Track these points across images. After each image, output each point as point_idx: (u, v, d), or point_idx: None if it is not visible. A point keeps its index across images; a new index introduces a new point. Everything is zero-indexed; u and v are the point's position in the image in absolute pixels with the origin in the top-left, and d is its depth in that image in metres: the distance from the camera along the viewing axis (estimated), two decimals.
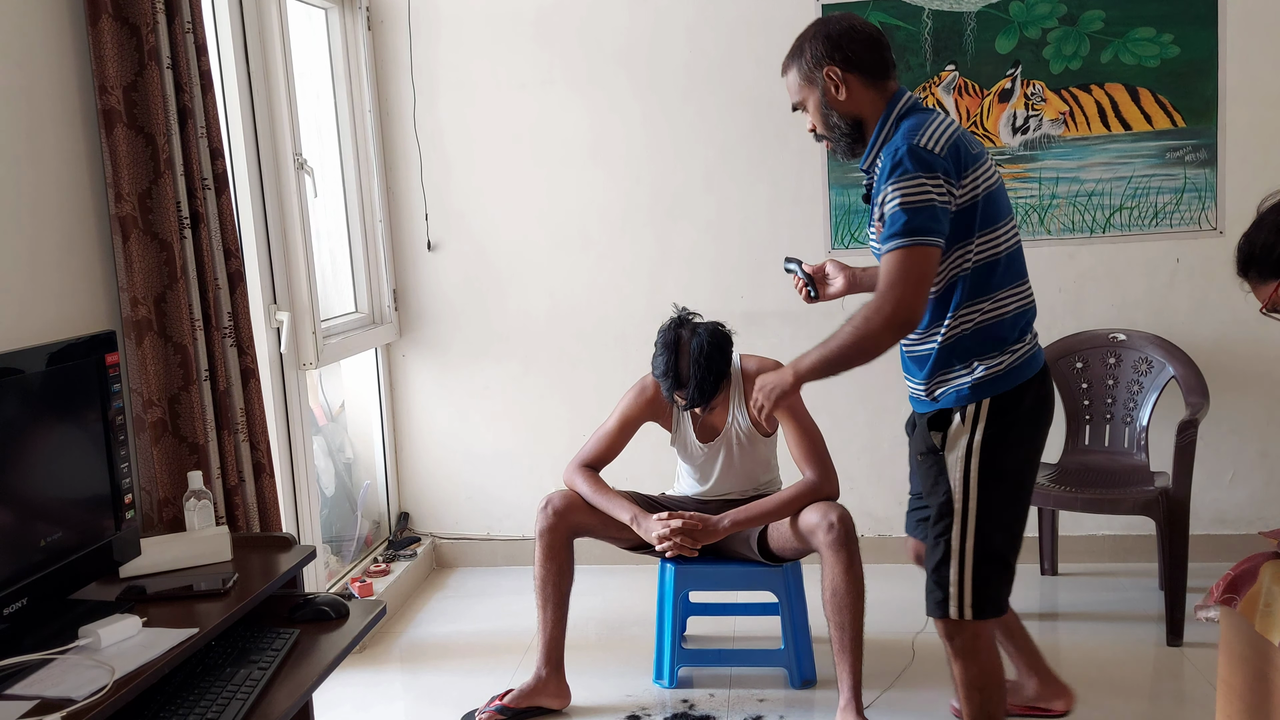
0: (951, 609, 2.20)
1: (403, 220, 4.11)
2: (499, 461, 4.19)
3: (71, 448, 1.99)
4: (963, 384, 2.19)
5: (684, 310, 2.98)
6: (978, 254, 2.14)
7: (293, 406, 3.23)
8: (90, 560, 2.01)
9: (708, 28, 3.88)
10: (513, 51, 3.97)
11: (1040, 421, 2.25)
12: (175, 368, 2.48)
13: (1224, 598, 2.16)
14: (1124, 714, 2.84)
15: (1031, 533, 3.87)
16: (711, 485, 3.09)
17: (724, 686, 3.08)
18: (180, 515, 2.41)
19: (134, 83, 2.39)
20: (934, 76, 3.76)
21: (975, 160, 2.11)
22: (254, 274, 3.07)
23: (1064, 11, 3.69)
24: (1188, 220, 3.72)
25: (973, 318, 2.17)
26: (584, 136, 3.98)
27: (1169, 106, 3.67)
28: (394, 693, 3.21)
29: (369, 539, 4.12)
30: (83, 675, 1.67)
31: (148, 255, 2.42)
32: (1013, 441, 2.18)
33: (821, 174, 3.86)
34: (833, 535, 2.76)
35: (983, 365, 2.17)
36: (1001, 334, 2.17)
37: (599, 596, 3.75)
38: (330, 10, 3.87)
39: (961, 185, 2.07)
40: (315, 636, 2.12)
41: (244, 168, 3.04)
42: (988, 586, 2.19)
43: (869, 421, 3.97)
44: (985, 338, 2.17)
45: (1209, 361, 3.61)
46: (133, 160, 2.39)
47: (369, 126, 3.97)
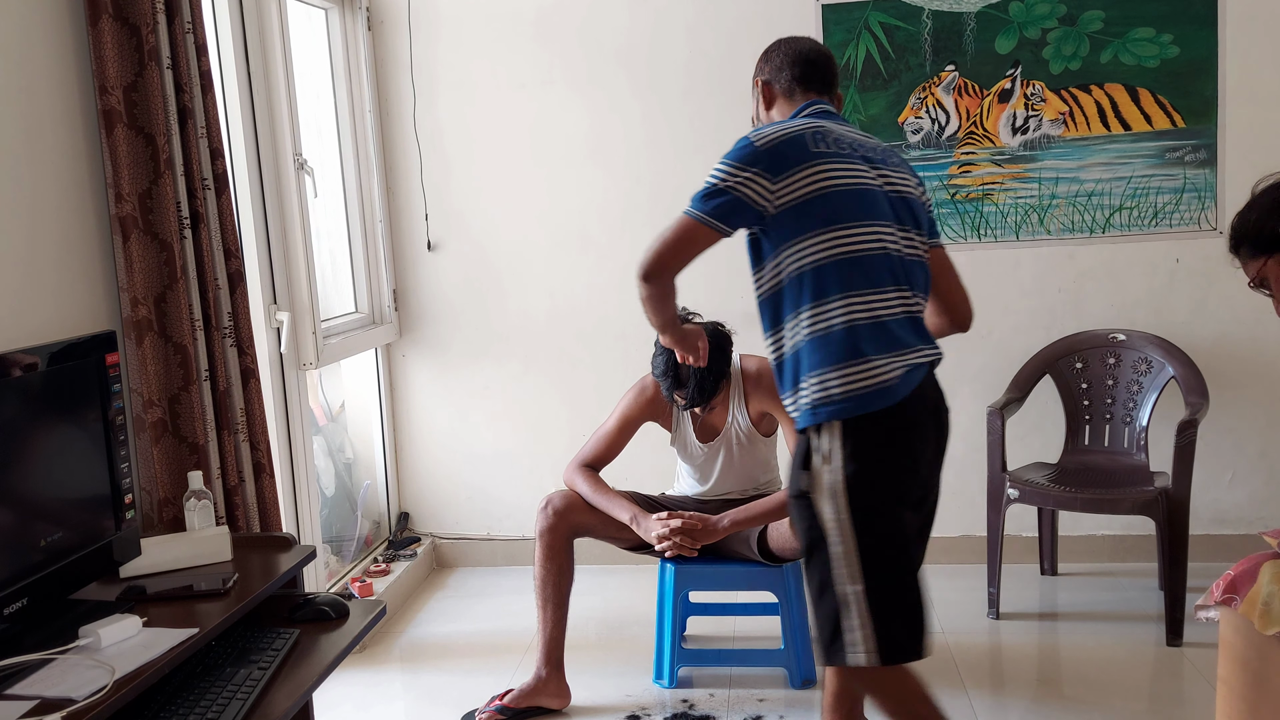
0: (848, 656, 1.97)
1: (403, 220, 4.11)
2: (499, 461, 4.19)
3: (71, 448, 1.99)
4: (805, 402, 1.99)
5: (684, 310, 2.98)
6: (816, 255, 1.98)
7: (293, 406, 3.23)
8: (90, 560, 2.01)
9: (708, 28, 3.88)
10: (513, 51, 3.97)
11: (900, 459, 2.01)
12: (175, 368, 2.48)
13: (1224, 598, 2.16)
14: (1124, 714, 2.85)
15: (1031, 532, 3.87)
16: (711, 485, 3.09)
17: (724, 686, 3.08)
18: (180, 515, 2.41)
19: (134, 83, 2.39)
20: (934, 77, 3.76)
21: (812, 159, 2.00)
22: (254, 274, 3.07)
23: (1064, 12, 3.69)
24: (1187, 220, 3.72)
25: (811, 325, 1.98)
26: (584, 136, 3.98)
27: (1169, 107, 3.67)
28: (394, 693, 3.21)
29: (369, 539, 4.12)
30: (83, 675, 1.67)
31: (148, 255, 2.42)
32: (875, 479, 1.97)
33: None
34: None
35: (829, 381, 1.96)
36: (850, 346, 1.96)
37: (599, 596, 3.75)
38: (330, 10, 3.87)
39: (779, 182, 1.99)
40: (315, 636, 2.12)
41: (244, 168, 3.04)
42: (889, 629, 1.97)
43: None
44: (828, 349, 1.97)
45: (1209, 361, 3.62)
46: (133, 160, 2.39)
47: (369, 126, 3.97)
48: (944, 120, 3.78)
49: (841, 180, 2.01)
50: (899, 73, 3.77)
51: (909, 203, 2.13)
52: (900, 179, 2.14)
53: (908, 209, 2.12)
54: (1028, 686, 3.04)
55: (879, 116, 3.80)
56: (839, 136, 2.09)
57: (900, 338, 2.01)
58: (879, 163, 2.11)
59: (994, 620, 3.46)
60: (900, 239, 2.07)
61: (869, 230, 2.01)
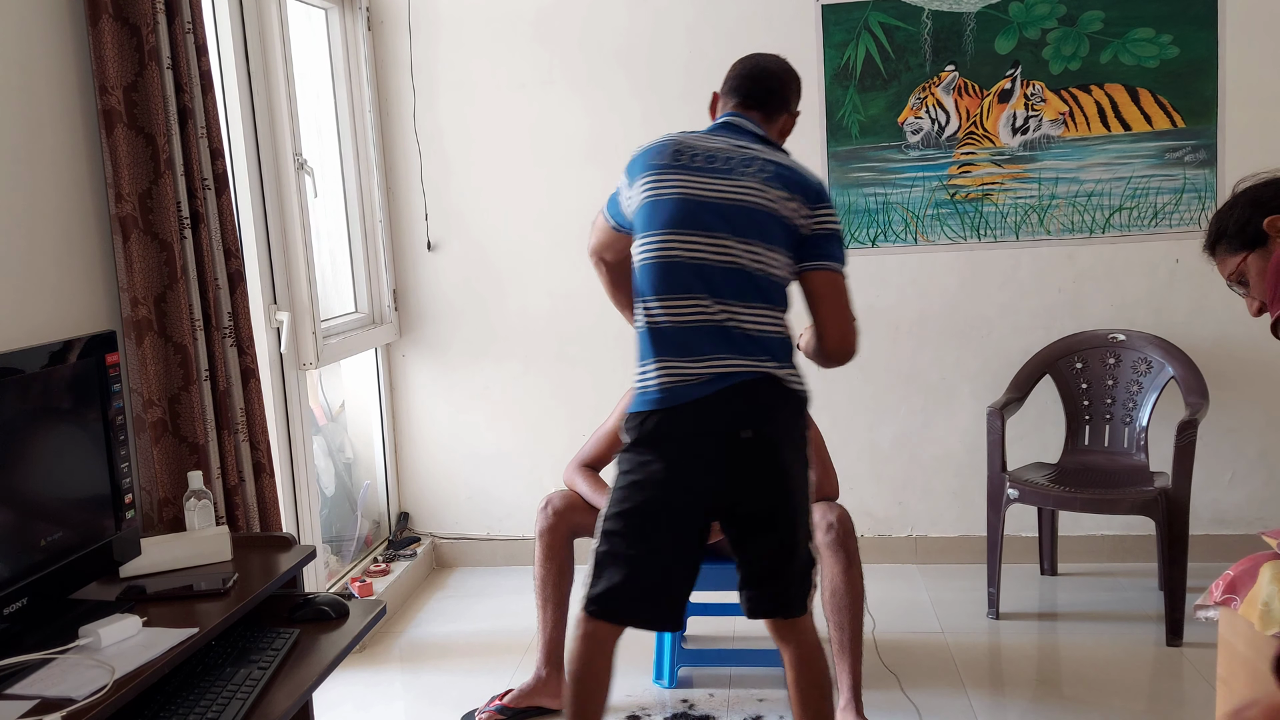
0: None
1: (403, 220, 4.11)
2: (499, 461, 4.19)
3: (71, 448, 1.99)
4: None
5: None
6: (635, 258, 2.20)
7: (293, 406, 3.24)
8: (90, 560, 2.01)
9: (708, 28, 3.88)
10: (512, 51, 3.97)
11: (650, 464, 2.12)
12: (175, 368, 2.48)
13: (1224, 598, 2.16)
14: (1124, 714, 2.85)
15: (1031, 532, 3.87)
16: None
17: (724, 686, 3.08)
18: (180, 515, 2.41)
19: (134, 83, 2.39)
20: (934, 77, 3.76)
21: (650, 169, 2.19)
22: (254, 274, 3.07)
23: (1063, 12, 3.69)
24: (1187, 221, 3.72)
25: (639, 315, 2.19)
26: (584, 136, 3.98)
27: (1168, 107, 3.67)
28: (394, 693, 3.21)
29: (369, 539, 4.12)
30: (83, 675, 1.67)
31: (148, 255, 2.42)
32: (625, 469, 2.17)
33: (822, 174, 3.86)
34: (832, 535, 2.77)
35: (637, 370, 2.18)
36: (643, 345, 2.16)
37: None
38: (330, 10, 3.87)
39: (631, 188, 2.24)
40: (315, 636, 2.12)
41: (244, 168, 3.04)
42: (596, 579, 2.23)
43: (869, 422, 3.97)
44: (640, 341, 2.18)
45: (1208, 362, 3.62)
46: (133, 160, 2.39)
47: (369, 126, 3.97)
48: (944, 120, 3.78)
49: (662, 192, 2.16)
50: (899, 73, 3.77)
51: (753, 214, 2.12)
52: (750, 191, 2.13)
53: (750, 220, 2.12)
54: (1028, 686, 3.04)
55: (879, 116, 3.80)
56: (701, 150, 2.19)
57: (691, 345, 2.10)
58: (728, 174, 2.15)
59: (994, 620, 3.46)
60: (716, 248, 2.11)
61: (671, 239, 2.13)
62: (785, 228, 2.14)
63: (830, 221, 2.18)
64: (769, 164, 2.18)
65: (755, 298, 2.12)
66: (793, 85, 2.36)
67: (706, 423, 2.11)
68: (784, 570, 2.22)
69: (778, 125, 2.34)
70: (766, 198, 2.14)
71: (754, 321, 2.11)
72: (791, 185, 2.15)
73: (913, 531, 4.02)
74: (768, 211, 2.13)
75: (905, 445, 3.99)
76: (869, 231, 3.86)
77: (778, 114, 2.33)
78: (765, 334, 2.12)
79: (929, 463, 3.97)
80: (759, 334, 2.11)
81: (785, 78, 2.35)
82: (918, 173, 3.81)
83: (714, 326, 2.10)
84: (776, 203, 2.14)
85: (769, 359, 2.11)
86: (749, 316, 2.11)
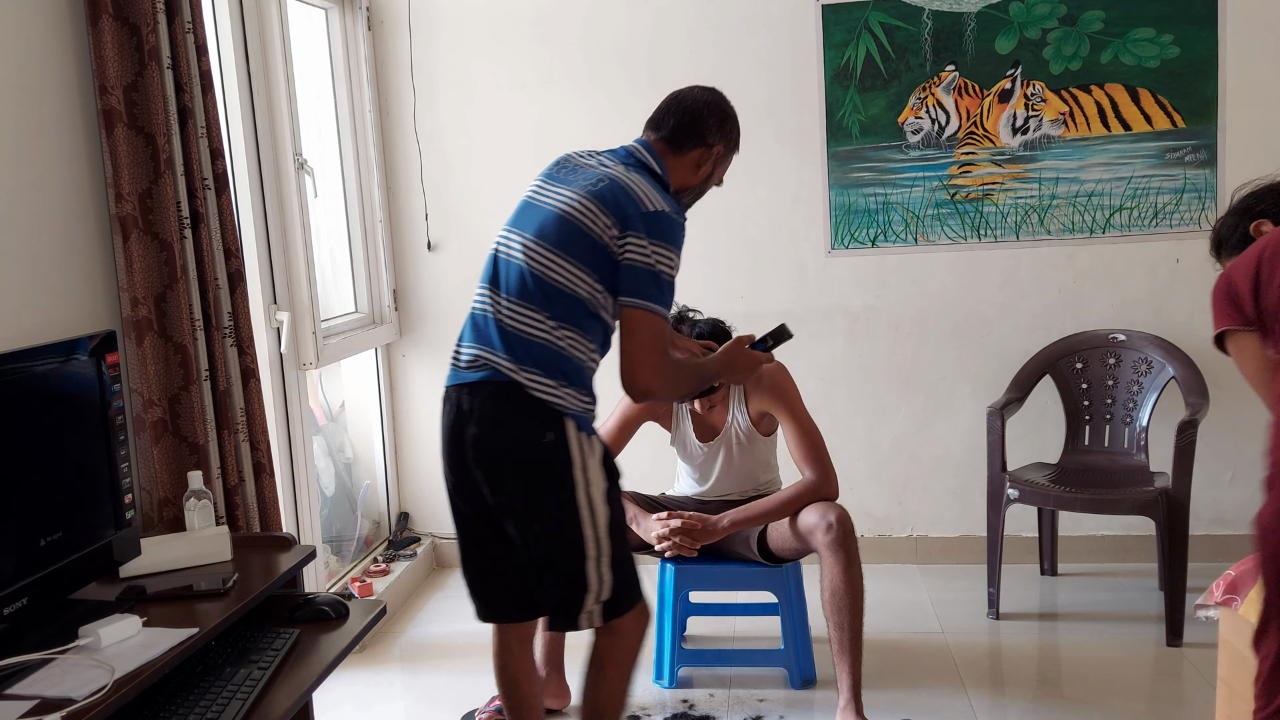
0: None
1: (403, 220, 4.11)
2: None
3: (71, 448, 1.99)
4: None
5: (684, 307, 2.99)
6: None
7: (293, 406, 3.23)
8: (90, 560, 2.01)
9: (708, 28, 3.88)
10: (513, 52, 3.97)
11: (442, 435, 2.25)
12: (175, 368, 2.48)
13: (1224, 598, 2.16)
14: (1124, 714, 2.84)
15: (1031, 532, 3.87)
16: (711, 485, 3.09)
17: (724, 686, 3.08)
18: (180, 515, 2.41)
19: (134, 83, 2.39)
20: (934, 77, 3.76)
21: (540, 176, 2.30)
22: (254, 274, 3.07)
23: (1064, 12, 3.69)
24: (1187, 221, 3.72)
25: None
26: (584, 136, 3.94)
27: (1169, 107, 3.67)
28: (394, 693, 3.21)
29: (369, 539, 4.12)
30: (83, 675, 1.67)
31: (148, 255, 2.42)
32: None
33: (821, 174, 3.86)
34: (831, 535, 2.76)
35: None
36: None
37: None
38: (330, 10, 3.87)
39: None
40: (315, 636, 2.12)
41: (244, 168, 3.04)
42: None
43: (869, 422, 3.97)
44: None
45: (1209, 362, 3.61)
46: (133, 160, 2.39)
47: (369, 126, 3.97)
48: (944, 120, 3.78)
49: (526, 195, 2.29)
50: (899, 73, 3.77)
51: (560, 222, 2.15)
52: (567, 201, 2.16)
53: (555, 228, 2.15)
54: (1028, 686, 3.04)
55: (879, 117, 3.80)
56: (573, 163, 2.28)
57: (473, 333, 2.23)
58: (565, 183, 2.21)
59: (994, 620, 3.46)
60: (518, 246, 2.19)
61: (503, 234, 2.26)
62: (592, 244, 2.12)
63: (638, 253, 2.10)
64: (604, 179, 2.17)
65: (538, 303, 2.14)
66: (711, 120, 2.30)
67: (453, 411, 2.21)
68: (513, 581, 2.25)
69: (689, 158, 2.30)
70: (578, 209, 2.14)
71: (528, 325, 2.14)
72: (609, 204, 2.12)
73: (913, 532, 4.02)
74: (575, 223, 2.13)
75: (905, 445, 3.99)
76: (869, 231, 3.86)
77: (687, 146, 2.29)
78: (534, 340, 2.12)
79: (929, 463, 3.97)
80: (529, 338, 2.13)
81: (703, 112, 2.30)
82: (918, 173, 3.81)
83: (493, 319, 2.18)
84: (586, 216, 2.13)
85: (530, 366, 2.11)
86: (525, 319, 2.14)
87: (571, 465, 2.11)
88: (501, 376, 2.13)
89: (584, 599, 2.17)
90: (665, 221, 2.12)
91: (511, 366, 2.12)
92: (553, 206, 2.18)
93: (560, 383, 2.12)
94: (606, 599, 2.19)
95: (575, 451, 2.12)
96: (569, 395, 2.12)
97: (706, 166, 2.33)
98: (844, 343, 3.95)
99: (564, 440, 2.11)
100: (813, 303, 3.94)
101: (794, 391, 2.96)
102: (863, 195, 3.84)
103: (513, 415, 2.13)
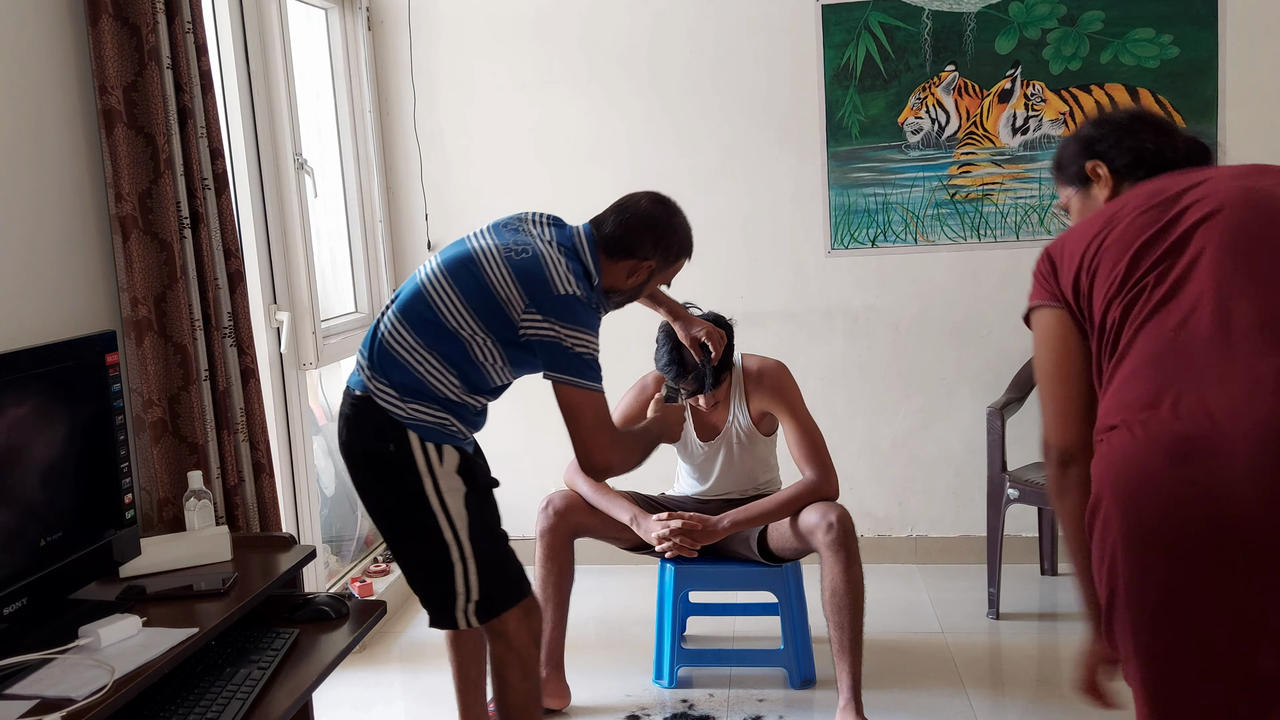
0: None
1: (403, 220, 4.11)
2: (499, 461, 4.14)
3: (71, 448, 1.99)
4: None
5: (686, 303, 2.98)
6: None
7: (293, 406, 3.24)
8: (90, 560, 2.01)
9: (708, 28, 3.88)
10: (513, 52, 3.97)
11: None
12: (175, 368, 2.48)
13: None
14: (1124, 714, 2.84)
15: (1031, 532, 3.87)
16: (711, 484, 3.09)
17: (724, 686, 3.08)
18: (180, 515, 2.41)
19: (134, 83, 2.39)
20: (934, 77, 3.76)
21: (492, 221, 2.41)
22: (254, 274, 3.07)
23: (1064, 12, 3.69)
24: None
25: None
26: (584, 136, 3.98)
27: (1169, 107, 3.67)
28: (394, 693, 3.21)
29: (369, 539, 4.12)
30: (83, 675, 1.67)
31: (148, 255, 2.42)
32: None
33: (821, 174, 3.87)
34: (832, 535, 2.76)
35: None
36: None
37: (599, 596, 3.74)
38: (330, 10, 3.87)
39: None
40: (315, 636, 2.12)
41: (244, 168, 3.04)
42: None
43: (869, 422, 3.97)
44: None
45: None
46: (133, 160, 2.39)
47: (369, 126, 3.97)
48: (944, 120, 3.78)
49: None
50: (899, 73, 3.77)
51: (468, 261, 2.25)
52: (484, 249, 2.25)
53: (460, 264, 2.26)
54: (1028, 686, 3.04)
55: (879, 117, 3.80)
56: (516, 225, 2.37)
57: (365, 340, 2.32)
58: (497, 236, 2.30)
59: (994, 620, 3.46)
60: (427, 269, 2.31)
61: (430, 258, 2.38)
62: (489, 293, 2.19)
63: (547, 331, 2.17)
64: (528, 249, 2.22)
65: (416, 326, 2.23)
66: (646, 237, 2.32)
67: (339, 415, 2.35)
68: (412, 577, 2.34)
69: (621, 265, 2.34)
70: (488, 260, 2.22)
71: (397, 342, 2.23)
72: (521, 276, 2.19)
73: (912, 532, 4.02)
74: (478, 268, 2.21)
75: (905, 445, 3.99)
76: (869, 232, 3.86)
77: (619, 255, 2.33)
78: (398, 358, 2.22)
79: (929, 463, 3.97)
80: (393, 354, 2.23)
81: (641, 226, 2.33)
82: (918, 173, 3.81)
83: (377, 329, 2.29)
84: (492, 270, 2.21)
85: (383, 378, 2.22)
86: (398, 336, 2.24)
87: (419, 474, 2.20)
88: (363, 386, 2.25)
89: (454, 601, 2.25)
90: (572, 305, 2.17)
91: (369, 374, 2.24)
92: (470, 247, 2.27)
93: (408, 399, 2.21)
94: (478, 600, 2.26)
95: (420, 461, 2.20)
96: (416, 410, 2.21)
97: (638, 276, 2.38)
98: (844, 343, 3.95)
99: (407, 450, 2.20)
100: (812, 303, 3.94)
101: (795, 391, 2.96)
102: (863, 195, 3.84)
103: (363, 423, 2.24)
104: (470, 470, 2.27)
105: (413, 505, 2.21)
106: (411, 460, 2.20)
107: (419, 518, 2.22)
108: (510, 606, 2.28)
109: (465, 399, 2.26)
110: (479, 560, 2.24)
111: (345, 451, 2.31)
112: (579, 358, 2.18)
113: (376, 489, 2.28)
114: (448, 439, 2.24)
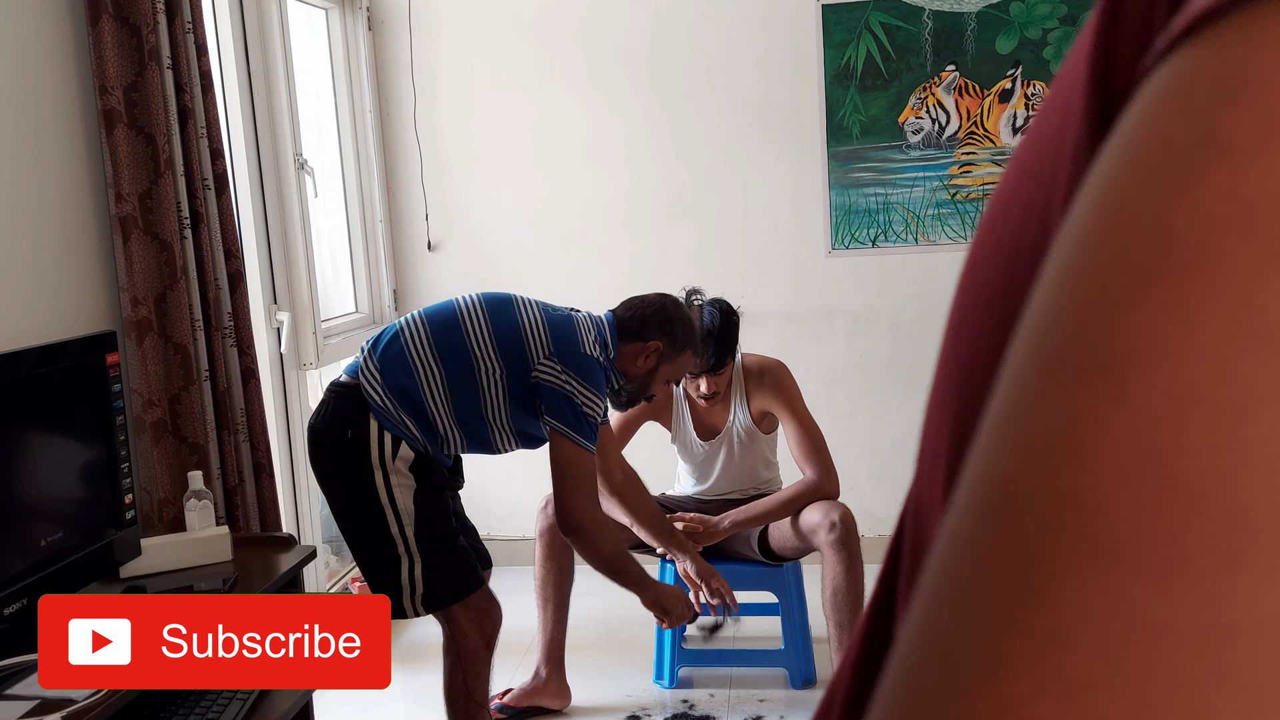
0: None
1: (403, 220, 4.11)
2: (499, 461, 4.17)
3: (71, 448, 1.99)
4: None
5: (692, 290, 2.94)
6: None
7: (293, 406, 3.23)
8: (90, 560, 2.00)
9: (708, 28, 3.88)
10: (513, 52, 3.97)
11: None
12: (175, 368, 2.48)
13: None
14: None
15: None
16: (711, 484, 3.08)
17: (724, 686, 3.08)
18: (180, 515, 2.41)
19: (134, 83, 2.39)
20: (934, 77, 3.76)
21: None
22: (254, 274, 3.06)
23: (1065, 12, 3.69)
24: None
25: None
26: (584, 136, 3.98)
27: None
28: (394, 693, 3.20)
29: None
30: None
31: (148, 255, 2.42)
32: None
33: (822, 174, 3.86)
34: (834, 535, 2.76)
35: None
36: None
37: (599, 596, 3.73)
38: (330, 10, 3.87)
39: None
40: None
41: (244, 168, 3.04)
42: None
43: (870, 422, 3.97)
44: None
45: None
46: (133, 160, 2.39)
47: (369, 126, 3.97)
48: (944, 120, 3.78)
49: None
50: (899, 73, 3.77)
51: (508, 301, 2.43)
52: (526, 301, 2.43)
53: (501, 303, 2.42)
54: None
55: (879, 117, 3.80)
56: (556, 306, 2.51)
57: (371, 341, 2.42)
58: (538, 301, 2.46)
59: None
60: (466, 299, 2.43)
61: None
62: (519, 339, 2.33)
63: (558, 380, 2.29)
64: (569, 316, 2.42)
65: (438, 337, 2.36)
66: (654, 320, 2.47)
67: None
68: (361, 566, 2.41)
69: (629, 348, 2.47)
70: (527, 305, 2.40)
71: (416, 352, 2.35)
72: (555, 328, 2.36)
73: None
74: (517, 316, 2.37)
75: (906, 445, 3.98)
76: (869, 232, 3.86)
77: (628, 338, 2.47)
78: (409, 365, 2.34)
79: None
80: (405, 361, 2.34)
81: (648, 311, 2.49)
82: (918, 173, 3.81)
83: (402, 334, 2.39)
84: (528, 318, 2.36)
85: (379, 372, 2.34)
86: (419, 346, 2.36)
87: (370, 467, 2.26)
88: (355, 371, 2.34)
89: (400, 594, 2.32)
90: (591, 366, 2.31)
91: (367, 360, 2.33)
92: (511, 294, 2.44)
93: (392, 394, 2.28)
94: (423, 593, 2.33)
95: (374, 452, 2.27)
96: (392, 405, 2.27)
97: (645, 361, 2.47)
98: (844, 343, 3.95)
99: (365, 439, 2.26)
100: (813, 303, 3.94)
101: (795, 390, 2.96)
102: (863, 195, 3.84)
103: (335, 408, 2.32)
104: (425, 467, 2.33)
105: (362, 496, 2.28)
106: (366, 451, 2.26)
107: (366, 508, 2.28)
108: (455, 600, 2.36)
109: (445, 433, 2.35)
110: (424, 555, 2.31)
111: (310, 432, 2.39)
112: (584, 418, 2.29)
113: (328, 472, 2.36)
114: (405, 437, 2.31)
